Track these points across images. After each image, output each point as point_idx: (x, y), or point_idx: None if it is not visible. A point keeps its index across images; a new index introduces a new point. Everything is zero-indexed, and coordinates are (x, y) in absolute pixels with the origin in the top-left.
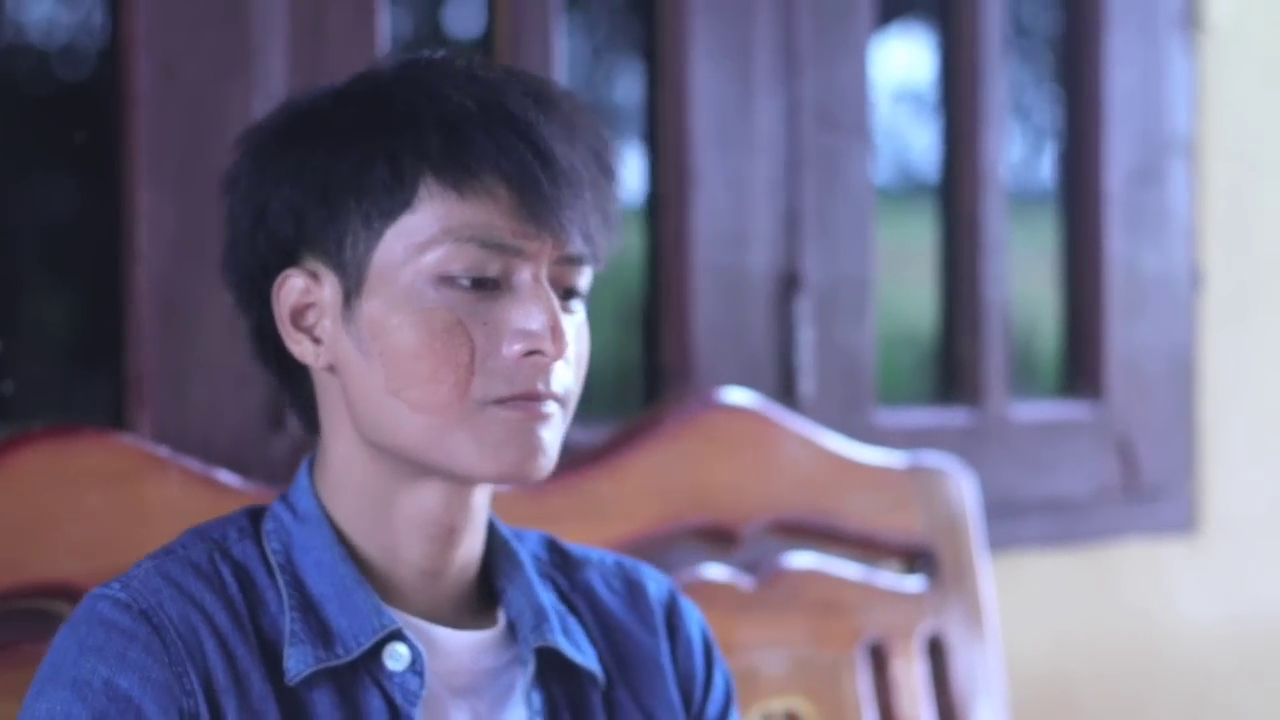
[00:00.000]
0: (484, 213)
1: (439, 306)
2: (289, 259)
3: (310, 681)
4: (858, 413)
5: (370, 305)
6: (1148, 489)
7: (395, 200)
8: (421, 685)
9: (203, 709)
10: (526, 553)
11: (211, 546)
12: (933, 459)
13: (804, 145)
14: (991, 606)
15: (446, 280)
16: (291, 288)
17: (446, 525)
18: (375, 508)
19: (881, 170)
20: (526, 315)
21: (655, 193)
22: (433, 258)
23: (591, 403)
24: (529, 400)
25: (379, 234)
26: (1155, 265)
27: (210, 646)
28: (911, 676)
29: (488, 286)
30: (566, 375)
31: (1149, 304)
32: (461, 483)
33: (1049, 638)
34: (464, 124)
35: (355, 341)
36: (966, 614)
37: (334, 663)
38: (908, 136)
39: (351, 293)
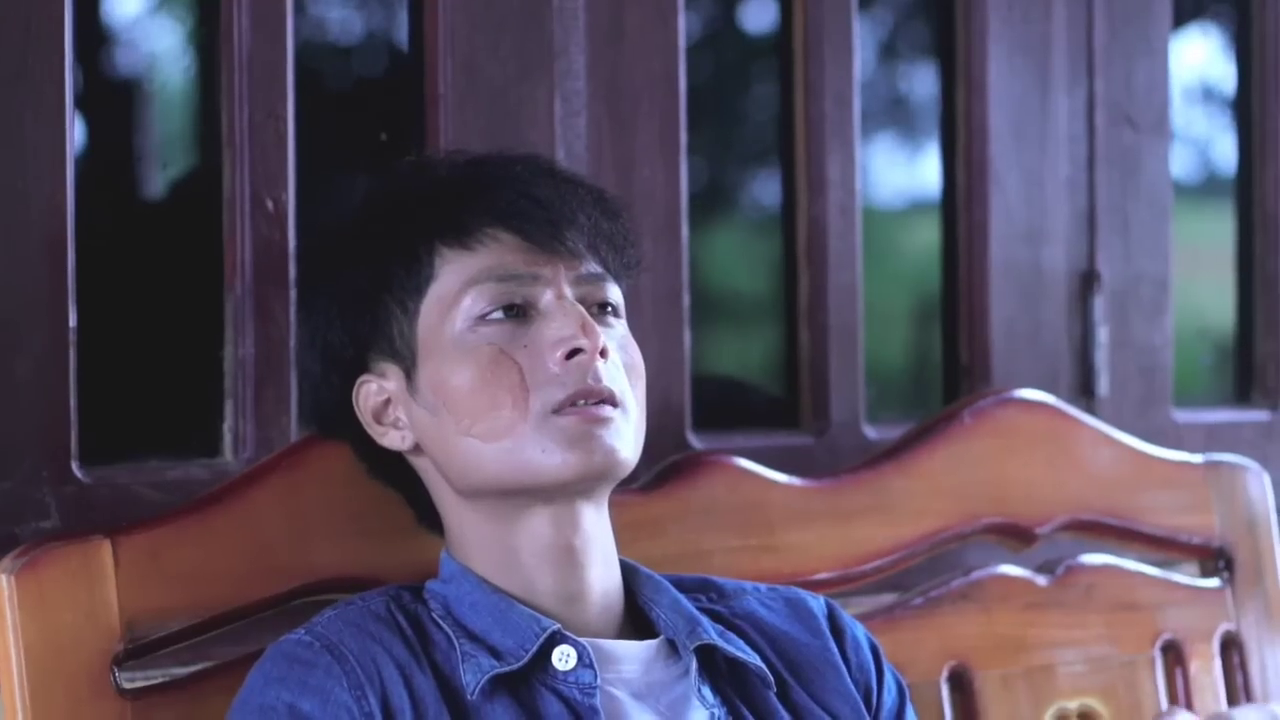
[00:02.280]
0: (494, 256)
1: (480, 344)
2: (358, 371)
3: (489, 694)
4: (1154, 411)
5: (426, 371)
6: None
7: (420, 278)
8: (595, 677)
9: None
10: (668, 581)
11: (388, 598)
12: (1230, 458)
13: (1101, 142)
14: None
15: (480, 320)
16: (367, 394)
17: (564, 546)
18: (500, 551)
19: (1179, 167)
20: (558, 325)
21: (951, 190)
22: (463, 307)
23: (890, 401)
24: (585, 400)
25: (417, 312)
26: None
27: (388, 673)
28: (1211, 677)
29: (518, 315)
30: (617, 376)
31: None
32: (554, 498)
33: None
34: (459, 192)
35: (426, 408)
36: (1265, 614)
37: (507, 668)
38: (1205, 133)
39: (410, 371)
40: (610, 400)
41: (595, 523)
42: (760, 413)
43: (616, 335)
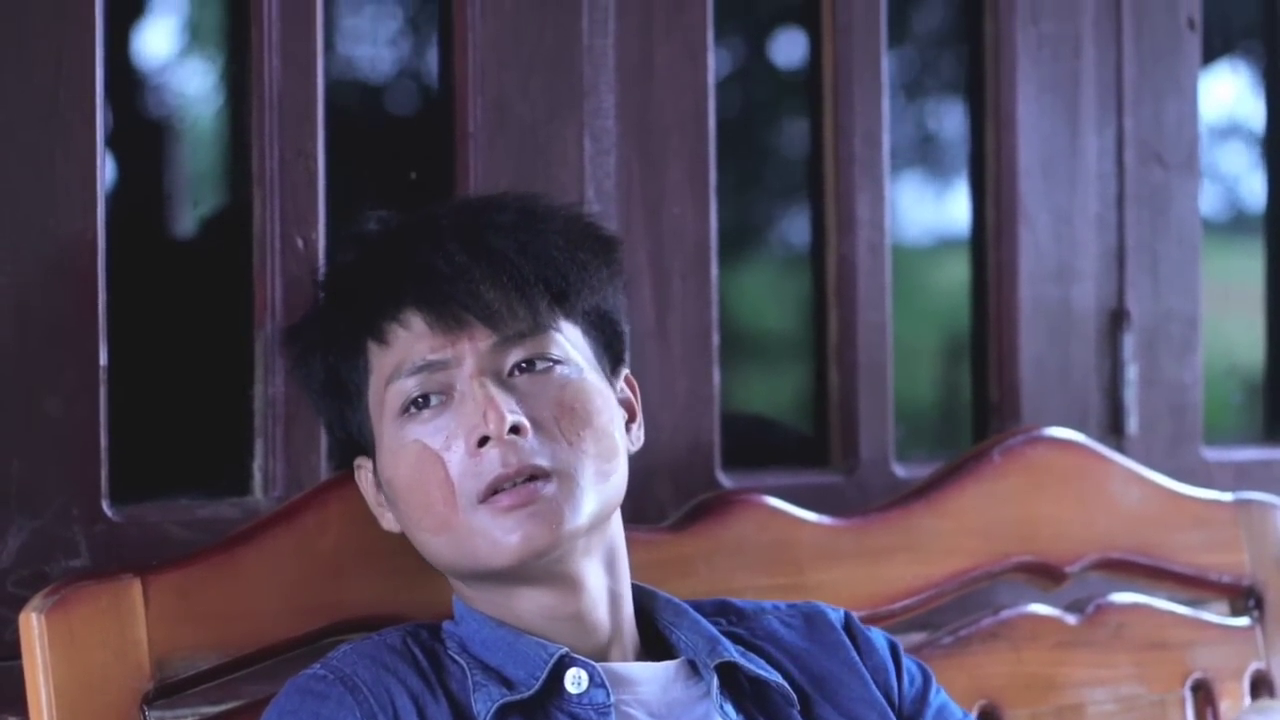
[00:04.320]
0: (404, 347)
1: (407, 441)
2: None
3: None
4: (1184, 450)
5: (380, 464)
6: None
7: (359, 376)
8: (609, 696)
9: None
10: (687, 604)
11: (404, 633)
12: (1260, 497)
13: (1131, 180)
14: None
15: (403, 415)
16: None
17: (568, 611)
18: (507, 613)
19: (1208, 204)
20: (467, 413)
21: (981, 228)
22: (388, 405)
23: (919, 440)
24: (506, 484)
25: (365, 407)
26: None
27: (401, 702)
28: None
29: (437, 404)
30: (543, 444)
31: None
32: (532, 574)
33: None
34: (376, 282)
35: (389, 498)
36: None
37: (517, 697)
38: (1235, 171)
39: (375, 462)
40: (534, 475)
41: (596, 574)
42: (789, 451)
43: (552, 385)
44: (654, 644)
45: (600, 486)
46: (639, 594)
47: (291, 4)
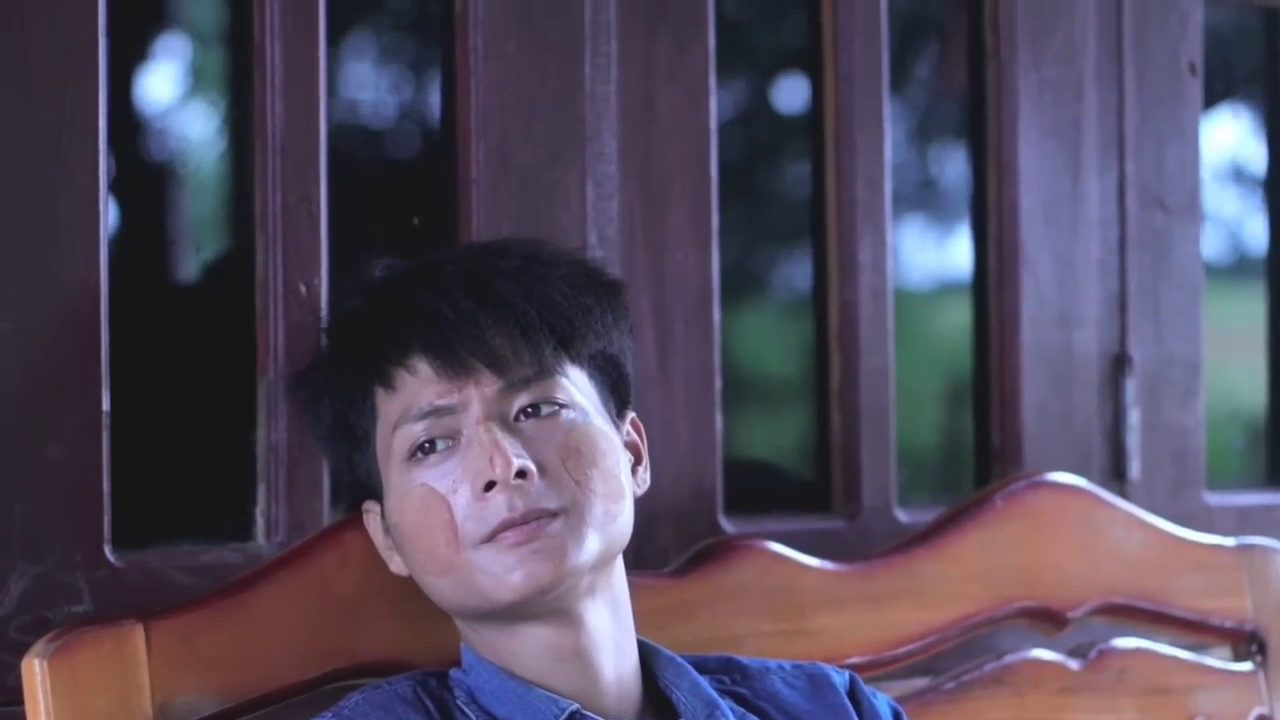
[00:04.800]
0: (411, 392)
1: (413, 486)
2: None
3: None
4: (1186, 494)
5: (388, 508)
6: None
7: (366, 421)
8: None
9: None
10: (688, 662)
11: (414, 683)
12: (1263, 541)
13: (1133, 225)
14: None
15: (409, 460)
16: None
17: (571, 649)
18: (509, 655)
19: (1209, 247)
20: (473, 458)
21: (983, 273)
22: (395, 449)
23: (921, 484)
24: (510, 528)
25: (373, 452)
26: None
27: None
28: None
29: (443, 448)
30: (549, 488)
31: None
32: (535, 612)
33: None
34: (381, 328)
35: (397, 541)
36: None
37: None
38: (1236, 214)
39: (383, 505)
40: (540, 516)
41: (600, 615)
42: (792, 496)
43: (558, 429)
44: (656, 701)
45: (607, 527)
46: (642, 649)
47: (294, 49)
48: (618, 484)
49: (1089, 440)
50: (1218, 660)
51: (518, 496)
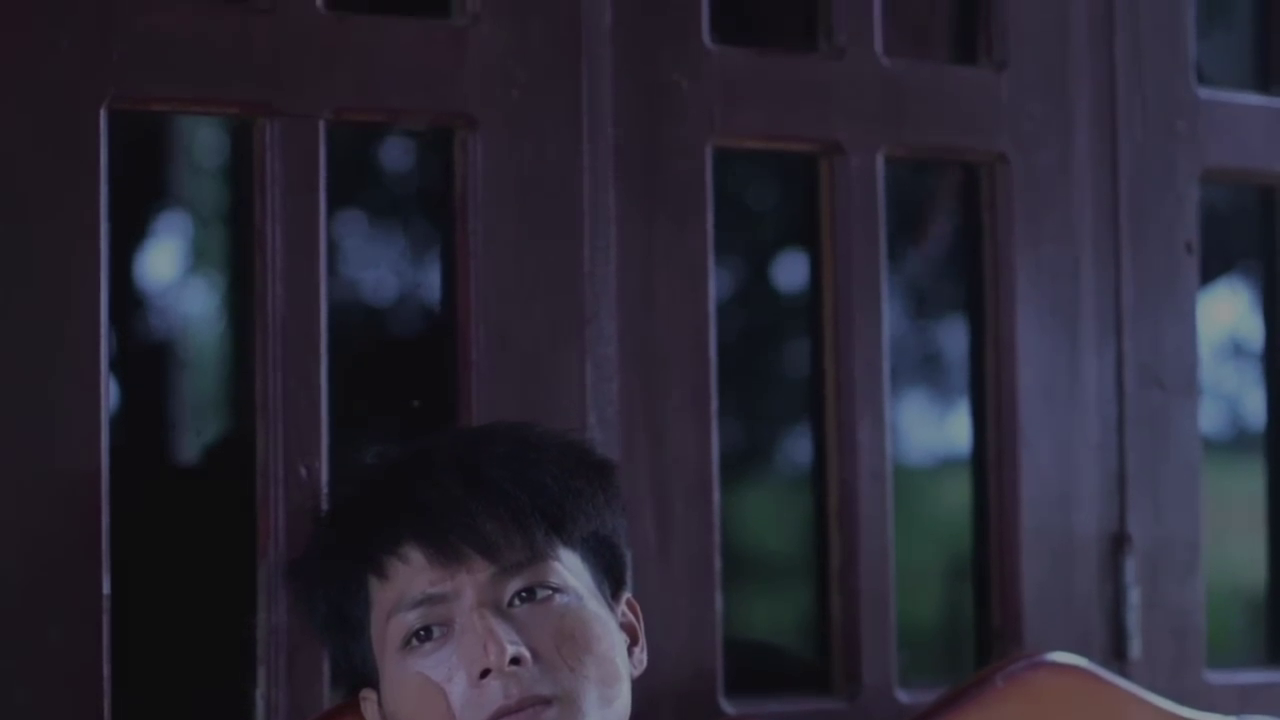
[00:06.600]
0: (404, 581)
1: (409, 674)
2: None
3: None
4: (1187, 673)
5: (385, 695)
6: None
7: (361, 610)
8: None
9: None
10: None
11: None
12: None
13: (1131, 404)
14: None
15: (404, 649)
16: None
17: None
18: None
19: (1208, 423)
20: (467, 645)
21: (982, 451)
22: (389, 638)
23: (922, 665)
24: (506, 715)
25: (369, 640)
26: None
27: None
28: None
29: (438, 636)
30: (545, 673)
31: None
32: None
33: None
34: (381, 515)
35: None
36: None
37: None
38: (1235, 389)
39: (379, 693)
40: (535, 702)
41: None
42: (792, 676)
43: (553, 613)
44: None
45: (603, 712)
46: None
47: (295, 230)
48: (613, 668)
49: (1089, 620)
50: None
51: (513, 683)
